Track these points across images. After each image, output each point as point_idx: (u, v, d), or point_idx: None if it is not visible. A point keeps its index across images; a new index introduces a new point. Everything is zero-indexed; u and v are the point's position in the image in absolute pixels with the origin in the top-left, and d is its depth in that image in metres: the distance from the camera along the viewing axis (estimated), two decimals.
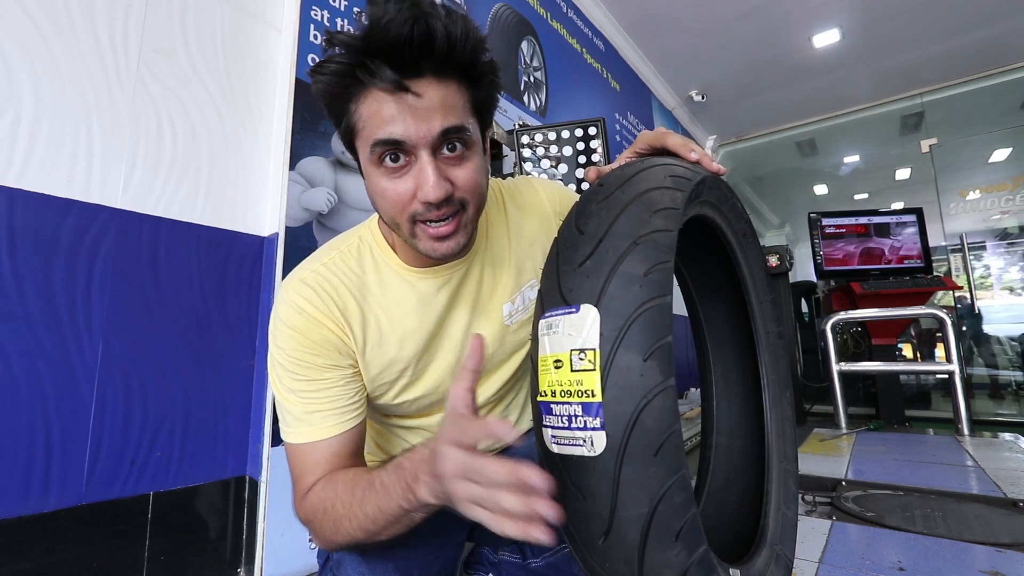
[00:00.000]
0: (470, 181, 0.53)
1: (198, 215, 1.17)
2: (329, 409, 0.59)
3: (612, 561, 0.42)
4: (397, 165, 0.51)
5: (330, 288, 0.60)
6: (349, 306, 0.61)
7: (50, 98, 0.98)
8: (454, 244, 0.54)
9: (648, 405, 0.40)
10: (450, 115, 0.50)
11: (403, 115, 0.48)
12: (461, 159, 0.52)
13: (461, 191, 0.53)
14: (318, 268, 0.62)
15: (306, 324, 0.59)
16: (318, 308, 0.59)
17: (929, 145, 3.92)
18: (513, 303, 0.68)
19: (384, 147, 0.50)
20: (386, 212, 0.54)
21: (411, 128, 0.49)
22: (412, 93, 0.48)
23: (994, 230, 4.19)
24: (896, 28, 3.27)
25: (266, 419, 1.15)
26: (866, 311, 2.09)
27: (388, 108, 0.48)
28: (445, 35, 0.47)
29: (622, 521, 0.41)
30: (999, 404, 3.97)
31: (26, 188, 0.93)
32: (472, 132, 0.52)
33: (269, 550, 1.11)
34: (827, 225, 3.13)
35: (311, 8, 1.38)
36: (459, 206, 0.53)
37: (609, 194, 0.49)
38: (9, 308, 0.89)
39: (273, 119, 1.34)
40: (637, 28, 3.21)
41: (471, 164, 0.53)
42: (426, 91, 0.48)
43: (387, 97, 0.48)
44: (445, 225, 0.53)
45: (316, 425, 0.58)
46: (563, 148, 1.93)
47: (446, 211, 0.52)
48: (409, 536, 0.69)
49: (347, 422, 0.59)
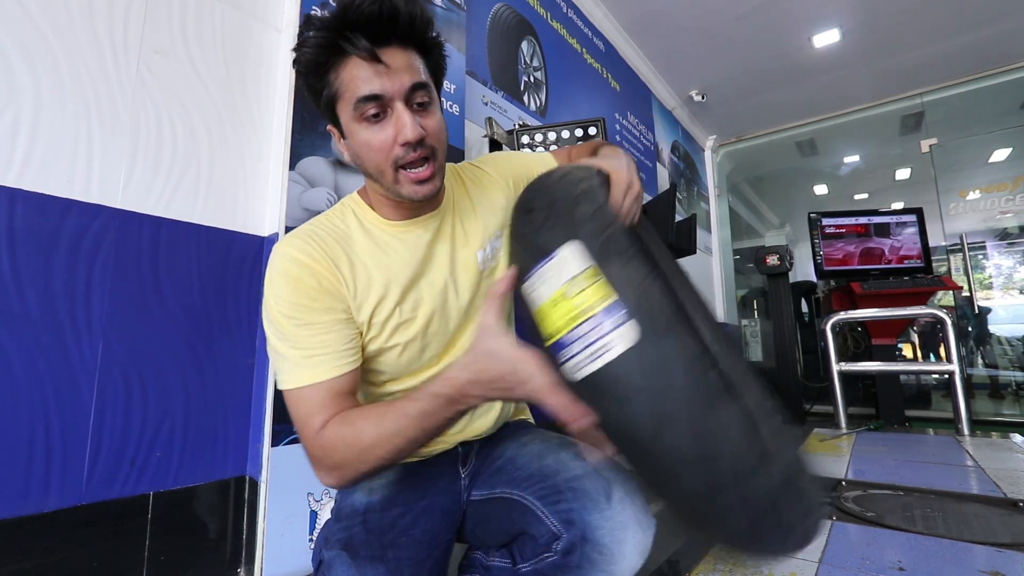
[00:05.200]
0: (437, 129, 0.63)
1: (198, 215, 1.17)
2: (327, 353, 0.62)
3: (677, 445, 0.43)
4: (377, 119, 0.60)
5: (319, 240, 0.66)
6: (338, 254, 0.66)
7: (50, 98, 0.98)
8: (431, 187, 0.63)
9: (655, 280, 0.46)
10: (415, 74, 0.60)
11: (379, 75, 0.58)
12: (426, 111, 0.62)
13: (431, 138, 0.62)
14: (306, 228, 0.69)
15: (301, 271, 0.63)
16: (311, 256, 0.64)
17: (929, 145, 3.92)
18: (484, 251, 0.75)
19: (366, 103, 0.59)
20: (371, 161, 0.62)
21: (387, 84, 0.58)
22: (383, 60, 0.58)
23: (994, 230, 4.19)
24: (896, 28, 3.26)
25: (266, 419, 1.15)
26: (866, 311, 2.09)
27: (365, 71, 0.58)
28: (407, 13, 0.58)
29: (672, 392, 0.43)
30: (999, 404, 3.97)
31: (26, 188, 0.93)
32: (432, 93, 0.63)
33: (269, 550, 1.11)
34: (827, 225, 3.13)
35: (311, 8, 1.38)
36: (431, 151, 0.62)
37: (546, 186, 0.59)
38: (9, 308, 0.90)
39: (273, 119, 1.34)
40: (637, 28, 3.21)
41: (436, 115, 0.63)
42: (394, 57, 0.59)
43: (364, 63, 0.58)
44: (424, 169, 0.61)
45: (316, 368, 0.61)
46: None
47: (422, 153, 0.61)
48: (399, 536, 0.69)
49: (345, 365, 0.62)
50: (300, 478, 1.18)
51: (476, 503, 0.77)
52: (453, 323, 0.73)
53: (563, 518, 0.63)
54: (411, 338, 0.70)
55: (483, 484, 0.77)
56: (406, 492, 0.74)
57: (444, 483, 0.76)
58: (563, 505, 0.63)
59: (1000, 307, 4.15)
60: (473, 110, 1.93)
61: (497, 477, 0.75)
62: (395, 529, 0.70)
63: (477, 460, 0.80)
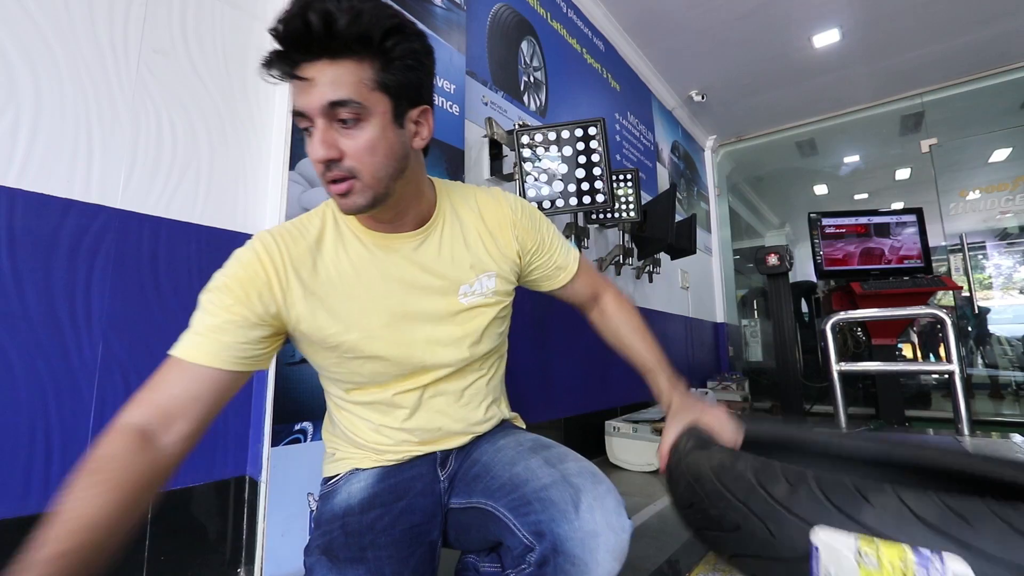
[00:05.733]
0: (360, 149, 0.59)
1: (198, 215, 1.17)
2: (223, 336, 0.60)
3: None
4: (309, 133, 0.59)
5: (288, 237, 0.67)
6: (302, 260, 0.67)
7: (50, 98, 0.98)
8: (351, 203, 0.61)
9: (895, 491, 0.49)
10: (339, 90, 0.56)
11: (300, 91, 0.57)
12: (350, 130, 0.58)
13: (350, 159, 0.59)
14: (286, 225, 0.70)
15: (245, 269, 0.64)
16: (267, 253, 0.65)
17: (929, 145, 3.92)
18: (471, 285, 0.75)
19: (296, 116, 0.59)
20: None
21: (304, 100, 0.57)
22: (303, 75, 0.56)
23: (994, 230, 4.19)
24: (896, 28, 3.26)
25: (266, 419, 1.15)
26: (866, 311, 2.09)
27: (294, 86, 0.58)
28: (321, 24, 0.53)
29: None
30: (999, 404, 3.97)
31: (26, 188, 0.93)
32: (369, 106, 0.58)
33: (269, 550, 1.11)
34: (827, 225, 3.13)
35: None
36: (348, 172, 0.59)
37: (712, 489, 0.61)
38: (9, 308, 0.90)
39: (273, 119, 1.34)
40: (637, 28, 3.21)
41: (363, 135, 0.59)
42: (321, 71, 0.56)
43: (290, 80, 0.57)
44: (338, 185, 0.60)
45: (203, 341, 0.59)
46: (563, 148, 1.93)
47: (336, 174, 0.59)
48: (379, 536, 0.69)
49: (226, 360, 0.60)
50: (300, 478, 1.18)
51: (456, 511, 0.76)
52: (418, 351, 0.72)
53: (533, 530, 0.61)
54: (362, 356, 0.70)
55: (461, 492, 0.76)
56: (384, 494, 0.74)
57: (423, 485, 0.76)
58: (532, 517, 0.62)
59: (1000, 307, 4.15)
60: (473, 110, 1.93)
61: (474, 485, 0.74)
62: (374, 530, 0.70)
63: (456, 462, 0.79)
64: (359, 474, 0.77)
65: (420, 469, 0.77)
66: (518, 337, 0.81)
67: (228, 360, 0.60)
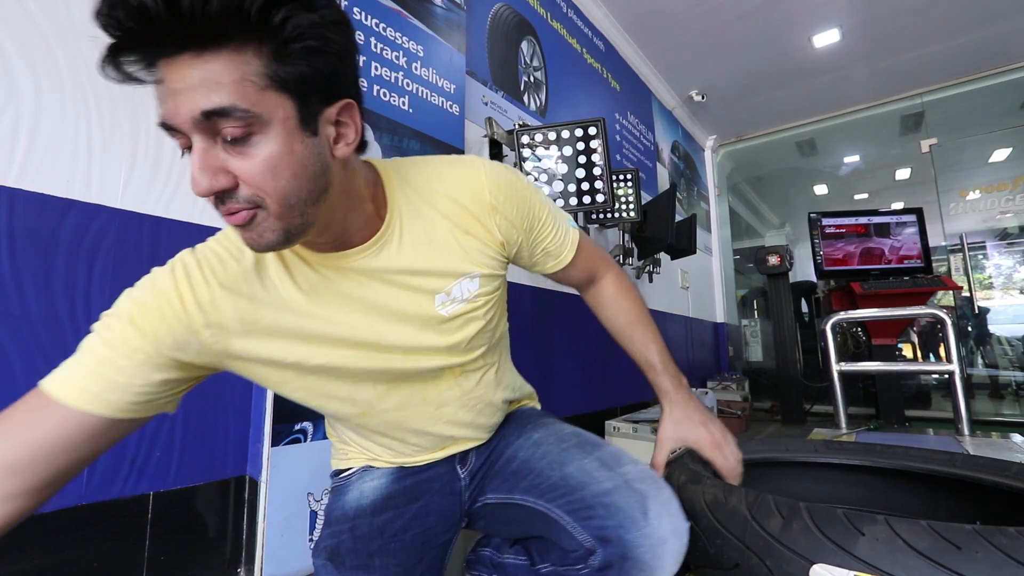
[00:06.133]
0: (256, 172, 0.43)
1: (198, 215, 1.16)
2: (116, 375, 0.48)
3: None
4: (187, 152, 0.43)
5: (216, 262, 0.53)
6: (235, 282, 0.53)
7: (50, 98, 0.98)
8: (257, 239, 0.46)
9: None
10: (213, 95, 0.39)
11: (164, 94, 0.41)
12: (242, 148, 0.42)
13: (248, 184, 0.43)
14: (213, 246, 0.55)
15: (159, 299, 0.51)
16: (188, 284, 0.51)
17: (929, 145, 3.92)
18: (448, 293, 0.62)
19: (167, 131, 0.42)
20: None
21: (169, 110, 0.41)
22: (163, 78, 0.40)
23: (994, 230, 4.19)
24: (896, 28, 3.26)
25: (266, 419, 1.15)
26: (866, 311, 2.09)
27: (157, 91, 0.41)
28: (165, 3, 0.35)
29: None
30: (999, 404, 3.97)
31: (26, 188, 0.93)
32: (261, 112, 0.41)
33: (269, 550, 1.11)
34: (827, 225, 3.13)
35: None
36: (250, 203, 0.44)
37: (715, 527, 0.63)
38: (9, 308, 0.89)
39: None
40: (637, 28, 3.21)
41: (259, 153, 0.42)
42: (178, 71, 0.39)
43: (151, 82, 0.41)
44: (235, 217, 0.45)
45: (88, 376, 0.47)
46: (563, 148, 1.93)
47: (232, 207, 0.44)
48: (389, 542, 0.67)
49: (113, 404, 0.47)
50: (300, 478, 1.18)
51: (493, 506, 0.73)
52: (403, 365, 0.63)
53: (598, 535, 0.59)
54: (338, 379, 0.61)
55: (498, 488, 0.72)
56: (399, 496, 0.71)
57: (440, 484, 0.74)
58: (596, 522, 0.59)
59: (1000, 307, 4.15)
60: (473, 110, 1.93)
61: (515, 482, 0.70)
62: (384, 535, 0.68)
63: (479, 458, 0.76)
64: (373, 471, 0.73)
65: (439, 469, 0.74)
66: (518, 337, 0.80)
67: (116, 405, 0.48)
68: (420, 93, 1.66)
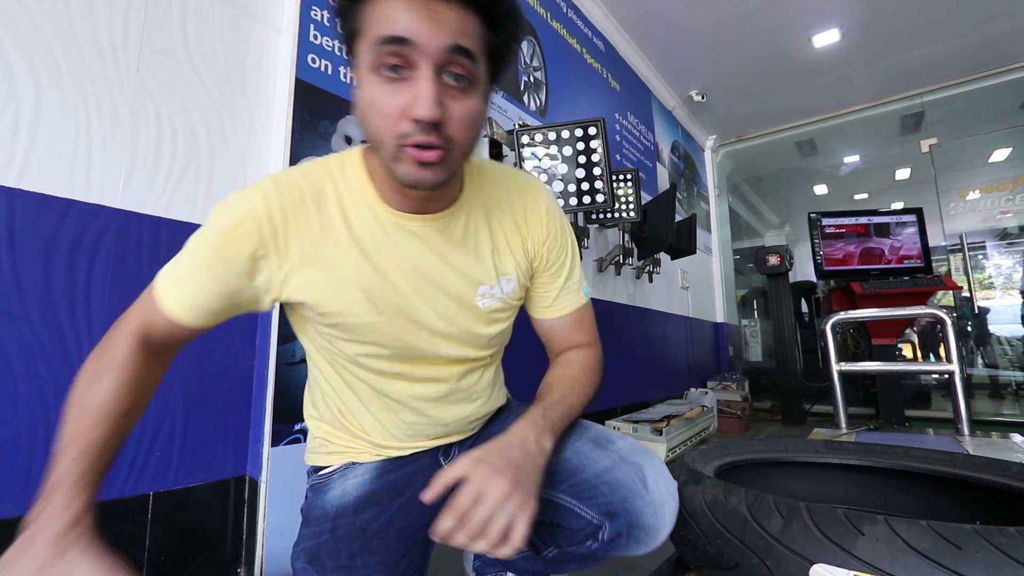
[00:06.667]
0: (464, 119, 0.50)
1: (198, 215, 1.17)
2: (198, 295, 0.56)
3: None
4: (395, 75, 0.48)
5: (295, 194, 0.58)
6: (308, 221, 0.58)
7: (50, 98, 0.98)
8: (433, 175, 0.51)
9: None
10: (464, 37, 0.48)
11: (415, 18, 0.46)
12: (461, 93, 0.50)
13: (452, 126, 0.50)
14: (296, 176, 0.60)
15: (240, 225, 0.56)
16: (265, 210, 0.56)
17: (929, 145, 3.92)
18: (491, 287, 0.66)
19: (388, 46, 0.47)
20: (373, 126, 0.51)
21: (424, 29, 0.46)
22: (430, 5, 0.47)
23: (994, 230, 4.19)
24: (896, 28, 3.26)
25: (266, 419, 1.15)
26: (866, 311, 2.09)
27: (401, 10, 0.47)
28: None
29: None
30: (999, 404, 3.97)
31: (26, 188, 0.93)
32: (479, 70, 0.51)
33: (269, 550, 1.11)
34: (827, 225, 3.13)
35: (311, 8, 1.38)
36: (446, 141, 0.50)
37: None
38: (9, 308, 0.90)
39: (273, 119, 1.34)
40: (637, 28, 3.21)
41: (470, 102, 0.51)
42: (444, 10, 0.47)
43: (409, 1, 0.47)
44: (431, 152, 0.50)
45: (179, 296, 0.57)
46: (563, 148, 1.93)
47: (434, 139, 0.49)
48: (371, 541, 0.67)
49: (193, 313, 0.57)
50: (300, 478, 1.18)
51: None
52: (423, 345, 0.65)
53: (604, 511, 0.62)
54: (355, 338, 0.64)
55: None
56: (382, 492, 0.70)
57: (424, 477, 0.70)
58: (601, 499, 0.62)
59: (1000, 307, 4.15)
60: None
61: None
62: (367, 533, 0.67)
63: (461, 451, 0.76)
64: (356, 468, 0.72)
65: (423, 463, 0.73)
66: (518, 335, 0.80)
67: (204, 316, 0.58)
68: None
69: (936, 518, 0.52)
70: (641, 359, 3.01)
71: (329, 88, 1.39)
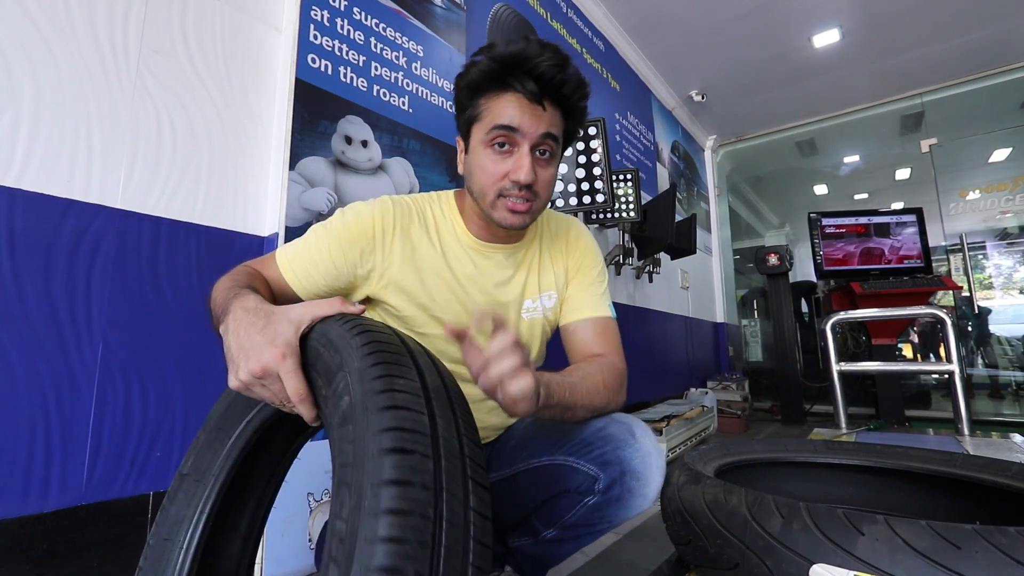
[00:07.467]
0: (547, 180, 0.74)
1: (198, 215, 1.17)
2: (313, 270, 0.72)
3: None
4: (503, 150, 0.71)
5: (406, 210, 0.78)
6: (415, 230, 0.77)
7: (50, 98, 0.98)
8: (520, 220, 0.73)
9: None
10: (553, 127, 0.71)
11: (524, 114, 0.69)
12: (546, 163, 0.73)
13: (539, 185, 0.72)
14: (408, 200, 0.80)
15: (360, 226, 0.74)
16: (381, 218, 0.75)
17: (929, 145, 3.92)
18: (534, 301, 0.85)
19: (501, 131, 0.69)
20: (480, 182, 0.73)
21: (527, 123, 0.69)
22: (541, 105, 0.69)
23: (994, 230, 4.19)
24: (896, 28, 3.27)
25: None
26: (866, 311, 2.09)
27: (513, 108, 0.69)
28: (574, 82, 0.70)
29: None
30: (999, 404, 3.97)
31: (26, 188, 0.93)
32: (558, 147, 0.74)
33: (269, 550, 1.11)
34: (827, 225, 3.13)
35: (311, 8, 1.38)
36: (533, 196, 0.72)
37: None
38: (9, 308, 0.90)
39: (273, 119, 1.34)
40: (637, 28, 3.21)
41: (552, 170, 0.74)
42: (549, 109, 0.70)
43: (518, 101, 0.69)
44: (522, 203, 0.72)
45: (295, 264, 0.73)
46: None
47: (526, 194, 0.71)
48: None
49: (303, 281, 0.73)
50: (300, 478, 1.18)
51: (496, 484, 0.80)
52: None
53: (599, 461, 0.69)
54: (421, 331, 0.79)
55: (500, 465, 0.81)
56: None
57: None
58: (596, 452, 0.70)
59: (1000, 307, 4.15)
60: None
61: (516, 454, 0.80)
62: None
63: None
64: None
65: None
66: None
67: (308, 290, 0.73)
68: (420, 93, 1.66)
69: (936, 518, 0.52)
70: (641, 359, 3.01)
71: (329, 88, 1.39)
